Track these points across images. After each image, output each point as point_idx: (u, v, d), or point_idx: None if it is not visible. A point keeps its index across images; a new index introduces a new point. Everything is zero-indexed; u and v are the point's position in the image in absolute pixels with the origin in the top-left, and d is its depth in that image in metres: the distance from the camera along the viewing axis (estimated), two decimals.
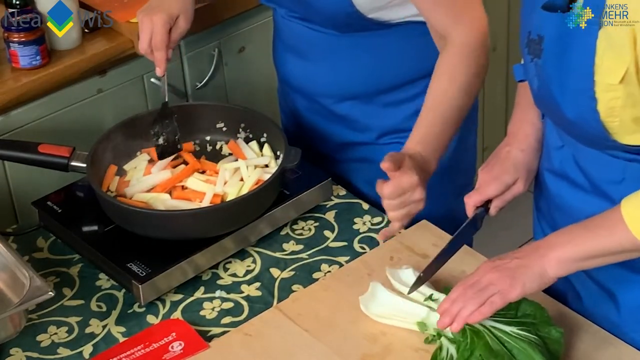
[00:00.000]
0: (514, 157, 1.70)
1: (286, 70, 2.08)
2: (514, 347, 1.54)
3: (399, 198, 1.68)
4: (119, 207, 1.80)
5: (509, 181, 1.69)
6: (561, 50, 1.47)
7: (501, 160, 1.70)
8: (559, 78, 1.50)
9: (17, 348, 1.69)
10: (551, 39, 1.49)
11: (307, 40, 1.98)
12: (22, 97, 2.10)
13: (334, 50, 1.95)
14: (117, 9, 2.26)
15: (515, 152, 1.71)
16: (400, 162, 1.67)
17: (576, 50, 1.44)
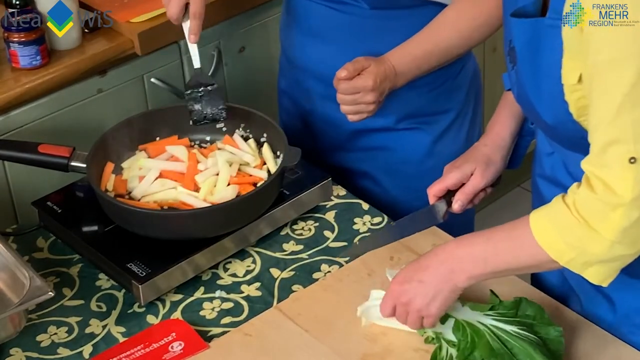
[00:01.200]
0: (475, 148, 1.75)
1: (307, 58, 2.05)
2: (514, 346, 1.54)
3: (351, 95, 1.85)
4: (119, 207, 1.80)
5: (467, 170, 1.72)
6: (532, 56, 1.48)
7: (465, 154, 1.75)
8: (533, 84, 1.51)
9: (17, 348, 1.69)
10: (522, 45, 1.50)
11: (332, 23, 1.97)
12: (22, 97, 2.10)
13: (358, 31, 1.95)
14: (117, 9, 2.26)
15: (479, 146, 1.75)
16: (361, 69, 1.84)
17: (545, 55, 1.45)
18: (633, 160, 1.34)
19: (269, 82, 2.44)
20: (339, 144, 2.11)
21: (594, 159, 1.39)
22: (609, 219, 1.38)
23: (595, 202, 1.39)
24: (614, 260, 1.41)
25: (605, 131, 1.35)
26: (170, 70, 2.30)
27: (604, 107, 1.35)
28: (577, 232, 1.41)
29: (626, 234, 1.38)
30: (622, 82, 1.31)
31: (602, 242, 1.39)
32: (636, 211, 1.36)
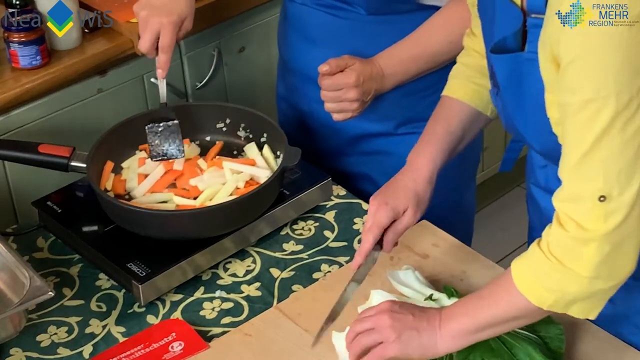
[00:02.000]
0: (405, 185, 1.68)
1: (305, 63, 2.05)
2: (514, 346, 1.54)
3: (334, 92, 1.86)
4: (119, 207, 1.80)
5: (399, 208, 1.66)
6: (515, 89, 1.48)
7: (393, 188, 1.69)
8: (519, 115, 1.51)
9: (17, 348, 1.69)
10: (504, 79, 1.50)
11: (331, 29, 1.97)
12: (22, 97, 2.10)
13: (355, 36, 1.95)
14: (117, 9, 2.26)
15: (407, 181, 1.68)
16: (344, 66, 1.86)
17: (528, 88, 1.45)
18: (603, 198, 1.34)
19: (269, 82, 2.44)
20: (339, 149, 2.11)
21: (564, 195, 1.39)
22: (582, 256, 1.37)
23: (567, 240, 1.38)
24: (595, 294, 1.41)
25: (576, 169, 1.36)
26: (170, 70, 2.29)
27: (575, 145, 1.35)
28: (554, 276, 1.40)
29: (601, 268, 1.38)
30: (595, 123, 1.31)
31: (580, 280, 1.39)
32: (607, 245, 1.36)
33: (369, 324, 1.53)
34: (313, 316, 1.68)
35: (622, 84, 1.29)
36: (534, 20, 1.41)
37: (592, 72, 1.30)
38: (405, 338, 1.50)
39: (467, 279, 1.77)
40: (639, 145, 1.32)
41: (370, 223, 1.65)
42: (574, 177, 1.37)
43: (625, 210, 1.34)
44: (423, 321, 1.51)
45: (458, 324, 1.49)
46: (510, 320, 1.48)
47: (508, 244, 3.15)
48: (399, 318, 1.51)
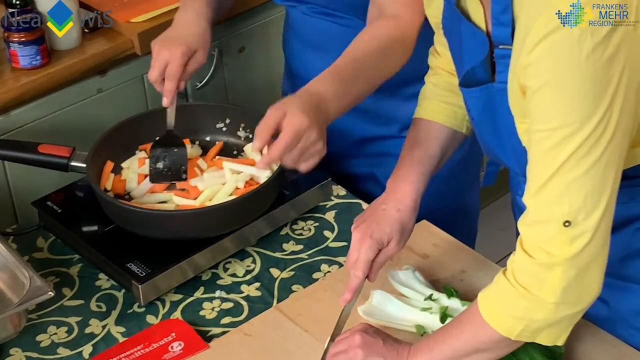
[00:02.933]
0: (389, 216, 1.64)
1: (306, 68, 2.05)
2: None
3: (297, 147, 1.56)
4: (119, 207, 1.80)
5: (383, 240, 1.62)
6: (490, 120, 1.48)
7: (377, 218, 1.65)
8: (496, 142, 1.51)
9: (17, 348, 1.69)
10: (477, 109, 1.50)
11: (330, 35, 1.97)
12: (22, 97, 2.10)
13: None
14: (117, 9, 2.26)
15: (391, 211, 1.64)
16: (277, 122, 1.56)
17: (501, 118, 1.45)
18: (568, 223, 1.33)
19: (269, 82, 2.44)
20: (344, 151, 2.11)
21: (529, 220, 1.38)
22: (548, 282, 1.36)
23: (532, 267, 1.38)
24: (562, 320, 1.40)
25: (541, 193, 1.35)
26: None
27: (540, 170, 1.34)
28: (520, 304, 1.39)
29: (567, 293, 1.37)
30: (561, 149, 1.31)
31: (546, 307, 1.38)
32: (573, 269, 1.35)
33: (342, 345, 1.54)
34: (313, 316, 1.69)
35: (589, 109, 1.29)
36: (501, 51, 1.40)
37: (558, 100, 1.30)
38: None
39: (467, 279, 1.77)
40: (604, 168, 1.32)
41: (355, 258, 1.61)
42: (538, 202, 1.36)
43: (590, 234, 1.33)
44: (392, 351, 1.51)
45: (422, 357, 1.49)
46: (472, 352, 1.46)
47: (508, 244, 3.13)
48: (370, 342, 1.52)
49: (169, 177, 1.87)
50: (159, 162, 1.89)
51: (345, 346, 1.54)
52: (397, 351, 1.51)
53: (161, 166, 1.88)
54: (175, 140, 1.92)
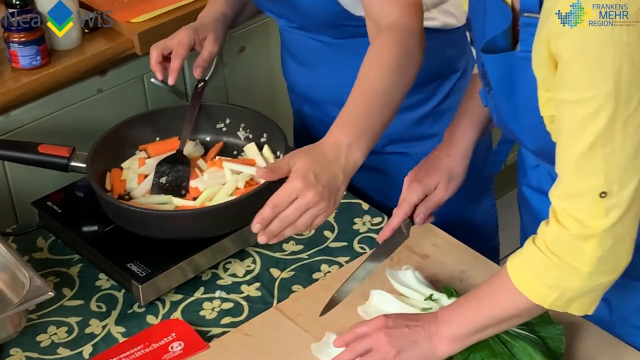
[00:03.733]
0: (439, 161, 1.70)
1: (292, 78, 2.10)
2: (515, 346, 1.54)
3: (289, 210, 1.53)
4: (119, 207, 1.80)
5: (430, 184, 1.68)
6: (508, 88, 1.48)
7: (427, 164, 1.71)
8: (512, 114, 1.51)
9: (17, 348, 1.69)
10: (497, 79, 1.50)
11: (308, 49, 1.99)
12: (22, 97, 2.10)
13: (333, 57, 1.96)
14: (117, 9, 2.26)
15: (442, 156, 1.71)
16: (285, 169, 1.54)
17: (521, 87, 1.45)
18: (604, 194, 1.34)
19: (269, 82, 2.44)
20: None
21: (563, 192, 1.39)
22: (584, 252, 1.38)
23: (567, 237, 1.39)
24: (595, 289, 1.42)
25: (576, 166, 1.36)
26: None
27: (575, 142, 1.35)
28: (555, 273, 1.41)
29: (602, 262, 1.38)
30: (596, 120, 1.31)
31: (581, 276, 1.39)
32: (609, 240, 1.37)
33: (368, 344, 1.52)
34: (313, 316, 1.68)
35: (622, 81, 1.29)
36: (527, 19, 1.41)
37: (592, 70, 1.30)
38: (405, 353, 1.50)
39: (467, 279, 1.77)
40: (639, 141, 1.33)
41: (401, 200, 1.69)
42: (574, 174, 1.37)
43: (625, 205, 1.35)
44: (420, 331, 1.51)
45: (456, 327, 1.50)
46: (508, 319, 1.48)
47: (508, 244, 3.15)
48: (396, 334, 1.51)
49: (169, 192, 1.88)
50: (162, 177, 1.89)
51: (370, 345, 1.52)
52: (424, 329, 1.51)
53: (164, 181, 1.89)
54: (183, 159, 1.92)
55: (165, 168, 1.90)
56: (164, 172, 1.89)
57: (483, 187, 2.13)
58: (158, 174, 1.89)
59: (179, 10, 2.27)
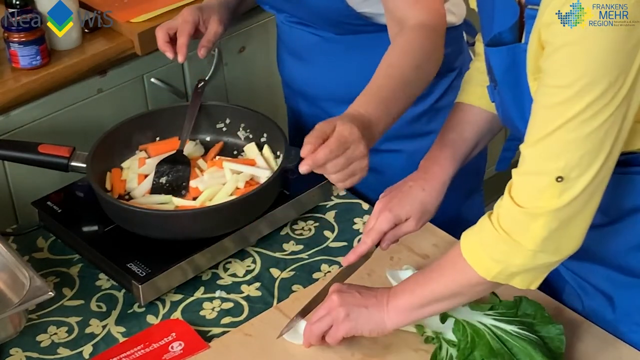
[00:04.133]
0: (413, 194, 1.68)
1: (288, 73, 2.10)
2: (514, 346, 1.54)
3: (343, 155, 1.51)
4: (119, 207, 1.80)
5: (401, 216, 1.67)
6: (512, 82, 1.49)
7: (401, 194, 1.69)
8: (516, 108, 1.52)
9: (17, 348, 1.69)
10: (501, 72, 1.51)
11: (306, 44, 1.99)
12: (22, 97, 2.10)
13: (331, 53, 1.96)
14: (117, 9, 2.26)
15: (416, 190, 1.69)
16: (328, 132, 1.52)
17: (524, 80, 1.46)
18: (560, 179, 1.37)
19: (269, 82, 2.44)
20: None
21: (523, 169, 1.42)
22: (530, 230, 1.40)
23: (517, 214, 1.41)
24: (539, 267, 1.44)
25: (539, 146, 1.38)
26: (170, 70, 2.31)
27: (543, 123, 1.37)
28: (500, 247, 1.43)
29: (547, 243, 1.41)
30: (569, 108, 1.34)
31: (525, 253, 1.42)
32: (556, 221, 1.39)
33: (322, 310, 1.58)
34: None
35: (604, 75, 1.32)
36: (530, 12, 1.42)
37: (574, 60, 1.32)
38: (354, 315, 1.55)
39: None
40: (604, 133, 1.35)
41: (370, 227, 1.68)
42: (536, 154, 1.39)
43: (579, 191, 1.37)
44: (371, 298, 1.56)
45: (402, 300, 1.54)
46: (451, 296, 1.51)
47: None
48: (346, 297, 1.56)
49: (169, 192, 1.88)
50: (162, 177, 1.89)
51: (325, 310, 1.58)
52: (376, 297, 1.56)
53: (164, 181, 1.89)
54: (183, 159, 1.93)
55: (165, 168, 1.90)
56: (164, 172, 1.90)
57: (475, 186, 2.14)
58: (158, 174, 1.90)
59: (179, 10, 2.25)
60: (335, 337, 1.57)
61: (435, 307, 1.54)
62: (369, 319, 1.55)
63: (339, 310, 1.56)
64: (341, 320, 1.56)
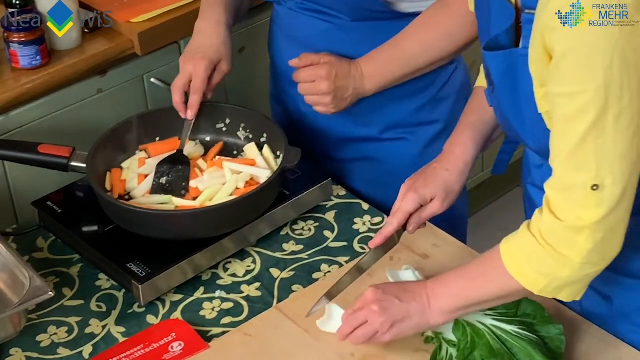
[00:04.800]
0: (437, 174, 1.71)
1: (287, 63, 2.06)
2: (514, 346, 1.54)
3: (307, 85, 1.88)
4: (119, 207, 1.80)
5: (426, 196, 1.70)
6: (510, 86, 1.49)
7: (425, 175, 1.72)
8: (514, 112, 1.52)
9: (17, 348, 1.69)
10: (499, 77, 1.51)
11: (315, 32, 1.97)
12: (22, 97, 2.10)
13: (342, 41, 1.95)
14: (117, 9, 2.26)
15: (440, 170, 1.72)
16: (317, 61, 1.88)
17: (522, 84, 1.46)
18: (596, 187, 1.36)
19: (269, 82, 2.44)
20: (327, 152, 2.10)
21: (557, 184, 1.41)
22: (576, 243, 1.40)
23: (560, 228, 1.41)
24: (583, 279, 1.45)
25: (568, 159, 1.38)
26: (170, 70, 2.30)
27: (567, 135, 1.37)
28: (547, 261, 1.43)
29: (593, 254, 1.41)
30: (586, 115, 1.33)
31: (572, 266, 1.42)
32: (600, 232, 1.39)
33: (362, 317, 1.57)
34: (313, 316, 1.68)
35: (613, 77, 1.31)
36: (527, 16, 1.42)
37: (583, 65, 1.32)
38: (399, 325, 1.55)
39: None
40: (632, 136, 1.34)
41: (396, 208, 1.70)
42: (566, 167, 1.39)
43: (617, 198, 1.37)
44: (411, 302, 1.56)
45: (447, 303, 1.54)
46: (497, 299, 1.53)
47: None
48: (388, 306, 1.56)
49: (169, 192, 1.88)
50: (163, 177, 1.89)
51: (364, 318, 1.57)
52: (416, 300, 1.56)
53: (164, 181, 1.89)
54: (183, 159, 1.93)
55: (166, 168, 1.90)
56: (165, 172, 1.90)
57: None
58: (158, 174, 1.90)
59: (179, 10, 2.27)
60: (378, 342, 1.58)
61: (480, 307, 1.56)
62: (414, 325, 1.55)
63: (381, 322, 1.55)
64: (386, 332, 1.55)
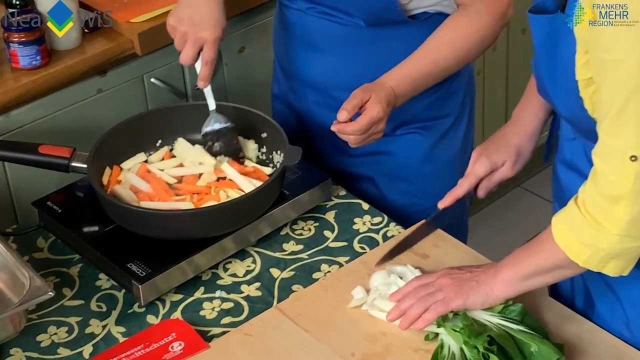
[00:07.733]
0: (508, 139, 1.76)
1: (303, 67, 2.05)
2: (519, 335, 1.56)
3: (367, 132, 1.78)
4: (119, 207, 1.80)
5: (497, 161, 1.75)
6: (549, 51, 1.50)
7: (496, 140, 1.77)
8: (550, 78, 1.53)
9: (17, 348, 1.69)
10: (539, 41, 1.52)
11: (327, 34, 1.97)
12: (22, 97, 2.10)
13: (354, 42, 1.95)
14: (117, 9, 2.26)
15: (510, 135, 1.77)
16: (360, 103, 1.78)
17: (561, 50, 1.47)
18: (634, 158, 1.37)
19: (269, 82, 2.44)
20: (337, 148, 2.10)
21: (599, 150, 1.43)
22: (613, 214, 1.41)
23: (598, 197, 1.42)
24: (626, 252, 1.45)
25: (610, 125, 1.39)
26: (170, 70, 2.30)
27: (609, 101, 1.37)
28: (588, 231, 1.45)
29: (631, 226, 1.41)
30: (627, 82, 1.33)
31: (610, 237, 1.43)
32: (637, 205, 1.39)
33: (432, 287, 1.61)
34: (313, 316, 1.69)
35: None
36: None
37: (628, 33, 1.32)
38: (466, 290, 1.59)
39: None
40: None
41: (468, 172, 1.75)
42: (607, 132, 1.40)
43: None
44: (480, 274, 1.60)
45: (508, 273, 1.57)
46: (552, 269, 1.54)
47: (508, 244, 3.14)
48: (458, 276, 1.61)
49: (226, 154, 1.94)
50: (213, 144, 1.95)
51: (435, 287, 1.61)
52: (484, 272, 1.60)
53: (218, 149, 1.94)
54: (222, 120, 1.96)
55: (212, 137, 1.94)
56: (213, 140, 1.94)
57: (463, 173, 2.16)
58: (209, 142, 1.94)
59: None
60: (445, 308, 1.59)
61: (540, 280, 1.57)
62: (480, 293, 1.58)
63: (451, 287, 1.59)
64: (454, 296, 1.58)
